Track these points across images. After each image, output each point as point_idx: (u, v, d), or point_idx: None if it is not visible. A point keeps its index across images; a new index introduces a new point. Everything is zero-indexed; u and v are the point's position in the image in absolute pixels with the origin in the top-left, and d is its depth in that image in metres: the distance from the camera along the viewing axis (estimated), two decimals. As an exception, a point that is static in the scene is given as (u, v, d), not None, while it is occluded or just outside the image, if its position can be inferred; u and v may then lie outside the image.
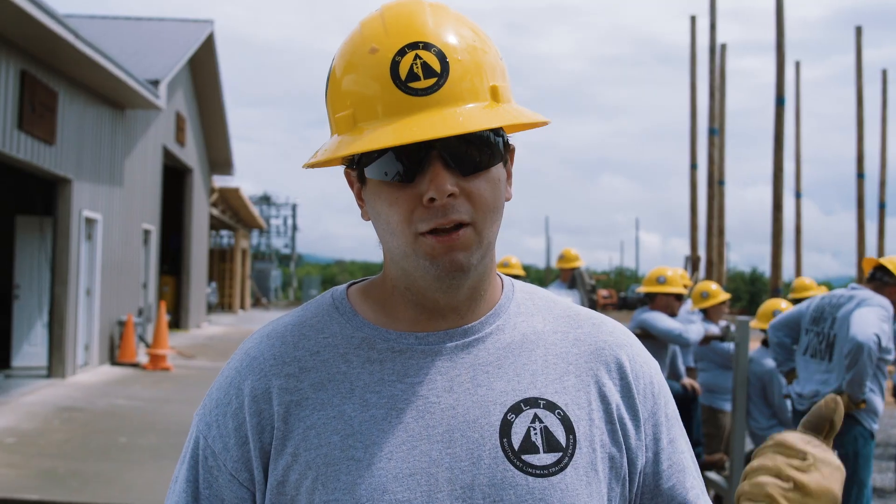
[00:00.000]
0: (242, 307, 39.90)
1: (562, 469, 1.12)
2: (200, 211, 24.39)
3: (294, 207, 62.15)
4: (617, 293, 48.90)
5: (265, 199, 60.52)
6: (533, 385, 1.17)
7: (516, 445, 1.12)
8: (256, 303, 46.96)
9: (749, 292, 62.29)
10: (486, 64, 1.12)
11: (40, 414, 9.84)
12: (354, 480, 1.09)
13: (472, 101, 1.09)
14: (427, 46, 1.08)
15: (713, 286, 7.34)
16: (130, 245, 16.58)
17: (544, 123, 1.20)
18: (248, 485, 1.15)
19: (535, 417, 1.14)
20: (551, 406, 1.15)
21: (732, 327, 6.47)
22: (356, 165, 1.16)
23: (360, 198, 1.20)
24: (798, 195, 29.58)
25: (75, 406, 10.48)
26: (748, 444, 6.64)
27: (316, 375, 1.16)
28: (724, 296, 7.24)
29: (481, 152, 1.10)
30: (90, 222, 14.03)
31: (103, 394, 11.60)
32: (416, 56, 1.08)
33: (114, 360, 15.11)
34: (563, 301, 1.30)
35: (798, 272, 29.01)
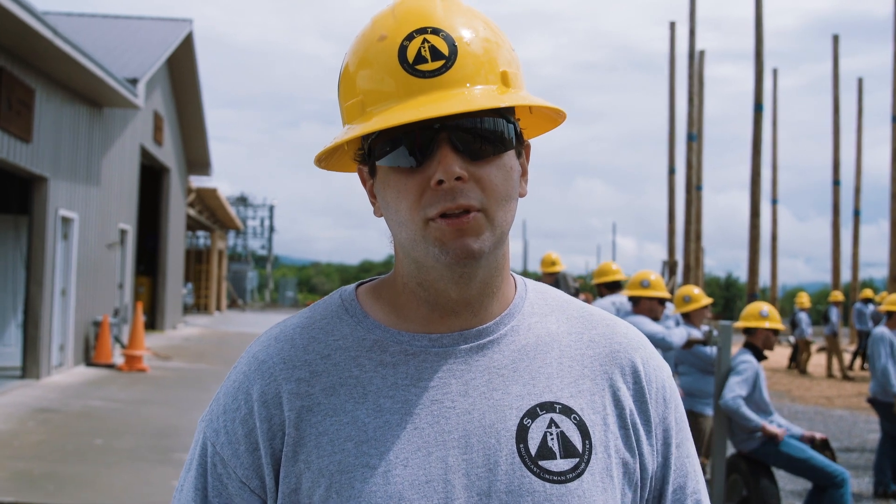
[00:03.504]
0: (218, 308, 39.68)
1: (579, 475, 1.10)
2: (177, 211, 24.21)
3: (271, 209, 61.94)
4: (593, 297, 49.08)
5: (242, 200, 60.25)
6: (549, 389, 1.14)
7: (533, 451, 1.10)
8: (232, 304, 46.72)
9: (724, 297, 62.63)
10: (498, 52, 1.11)
11: (14, 415, 9.70)
12: (370, 488, 1.07)
13: (481, 84, 1.07)
14: (436, 31, 1.07)
15: (695, 290, 7.36)
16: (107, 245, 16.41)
17: (558, 111, 1.18)
18: (260, 492, 1.12)
19: (552, 422, 1.12)
20: (567, 411, 1.14)
21: (715, 332, 6.49)
22: (368, 158, 1.14)
23: (372, 194, 1.17)
24: (774, 202, 29.82)
25: (50, 407, 10.35)
26: (729, 449, 6.66)
27: (327, 380, 1.13)
28: (706, 300, 7.27)
29: (491, 138, 1.08)
30: (66, 221, 13.88)
31: (79, 395, 11.46)
32: (424, 40, 1.07)
33: (89, 361, 14.95)
34: (576, 300, 1.28)
35: (774, 277, 29.21)
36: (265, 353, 1.16)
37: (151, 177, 22.11)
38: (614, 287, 8.06)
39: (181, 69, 22.10)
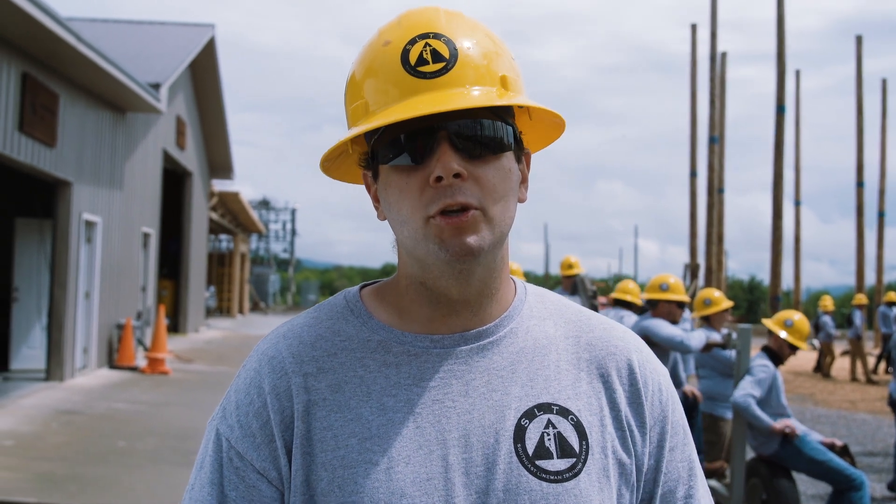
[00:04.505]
0: (241, 311, 39.90)
1: (575, 475, 1.13)
2: (200, 215, 24.38)
3: (293, 212, 62.12)
4: (613, 301, 48.83)
5: (264, 204, 60.47)
6: (546, 390, 1.17)
7: (530, 451, 1.13)
8: (255, 307, 46.95)
9: (747, 300, 62.19)
10: (498, 59, 1.14)
11: (38, 417, 9.81)
12: (372, 484, 1.10)
13: (481, 85, 1.11)
14: (437, 36, 1.12)
15: (716, 293, 7.33)
16: (130, 248, 16.56)
17: (557, 116, 1.20)
18: (277, 483, 1.14)
19: (549, 423, 1.15)
20: (564, 412, 1.16)
21: (734, 335, 6.46)
22: (371, 162, 1.18)
23: (375, 199, 1.21)
24: (797, 203, 29.61)
25: (74, 409, 10.45)
26: (748, 452, 6.63)
27: (333, 377, 1.16)
28: (727, 303, 7.24)
29: (489, 137, 1.12)
30: (90, 225, 14.02)
31: (102, 397, 11.57)
32: (427, 44, 1.11)
33: (112, 364, 15.08)
34: (573, 304, 1.31)
35: (797, 280, 29.00)
36: (274, 349, 1.20)
37: (174, 181, 22.27)
38: (625, 306, 8.46)
39: (203, 74, 22.26)
